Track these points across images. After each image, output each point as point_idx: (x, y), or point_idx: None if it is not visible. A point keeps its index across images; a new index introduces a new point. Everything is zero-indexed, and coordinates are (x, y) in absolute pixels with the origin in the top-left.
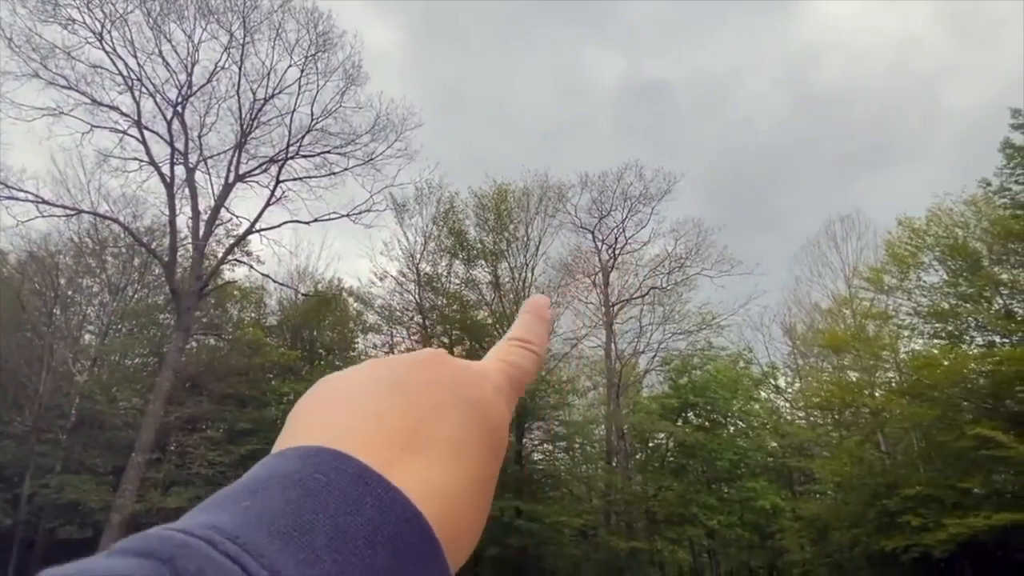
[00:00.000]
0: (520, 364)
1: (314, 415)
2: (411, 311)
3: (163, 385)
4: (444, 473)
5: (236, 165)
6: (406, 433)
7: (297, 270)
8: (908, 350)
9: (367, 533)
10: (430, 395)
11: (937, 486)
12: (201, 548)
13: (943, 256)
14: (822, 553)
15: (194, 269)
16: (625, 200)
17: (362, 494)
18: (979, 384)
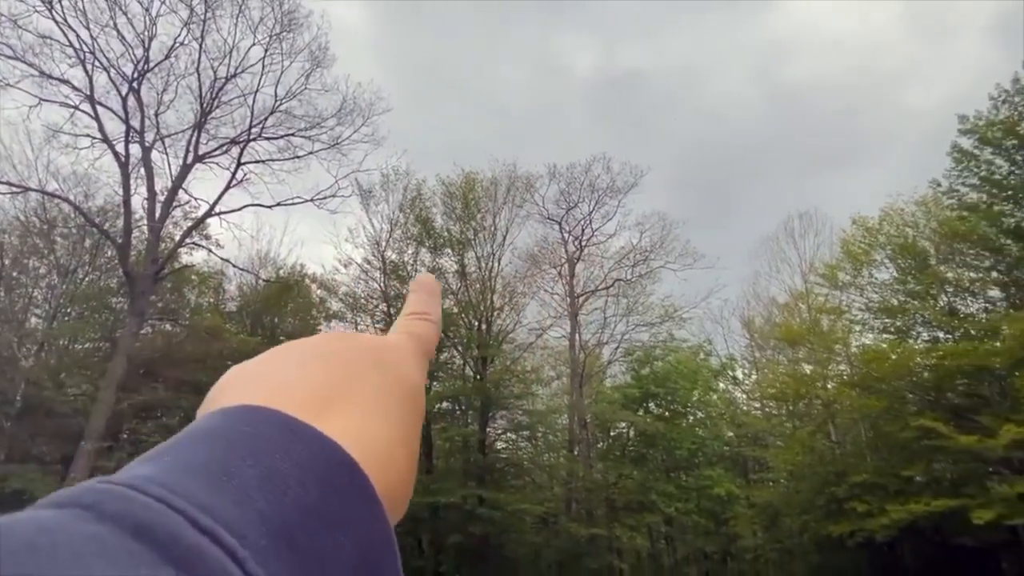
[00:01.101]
0: (422, 332)
1: (233, 387)
2: (376, 299)
3: (115, 371)
4: (369, 425)
5: (195, 145)
6: (328, 392)
7: (258, 255)
8: (859, 344)
9: (298, 475)
10: (347, 360)
11: (882, 474)
12: (124, 492)
13: (894, 254)
14: (773, 539)
15: (149, 252)
16: (592, 192)
17: (291, 441)
18: (923, 377)
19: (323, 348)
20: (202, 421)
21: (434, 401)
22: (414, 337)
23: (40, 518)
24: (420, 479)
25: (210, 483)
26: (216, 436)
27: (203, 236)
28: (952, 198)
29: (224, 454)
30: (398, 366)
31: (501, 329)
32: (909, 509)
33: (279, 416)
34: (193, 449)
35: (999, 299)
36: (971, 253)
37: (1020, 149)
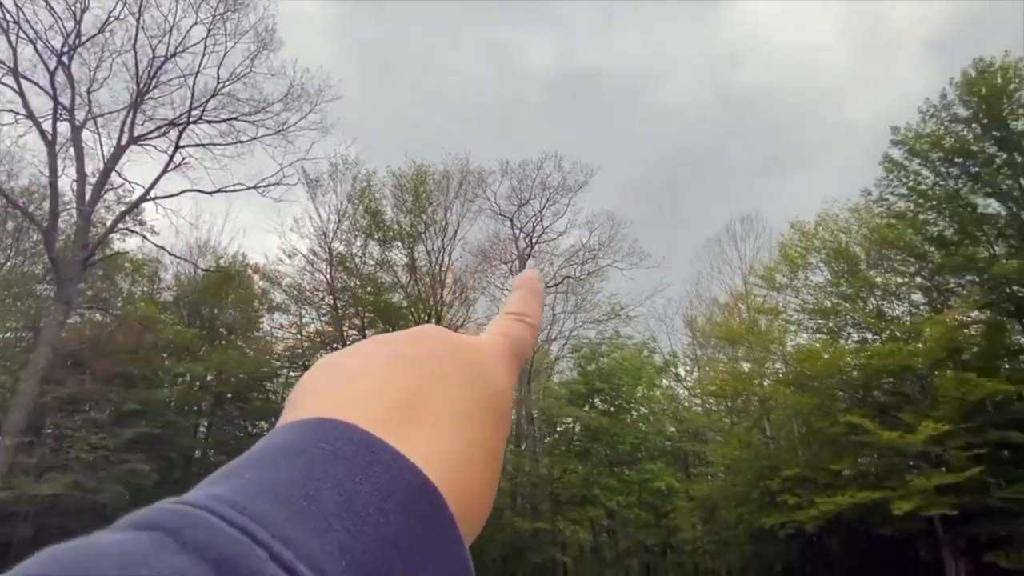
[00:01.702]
0: (518, 335)
1: (315, 391)
2: (322, 291)
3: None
4: (450, 442)
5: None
6: (410, 404)
7: (197, 243)
8: (794, 344)
9: (377, 501)
10: (432, 366)
11: (812, 468)
12: (206, 519)
13: (828, 258)
14: (711, 531)
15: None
16: (544, 190)
17: (369, 462)
18: (852, 376)
19: (410, 349)
20: (281, 434)
21: None
22: (510, 340)
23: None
24: None
25: (290, 509)
26: (295, 454)
27: (137, 222)
28: (882, 206)
29: (303, 475)
30: (487, 373)
31: (450, 324)
32: (836, 501)
33: (358, 433)
34: (273, 467)
35: (922, 303)
36: (898, 259)
37: (945, 162)
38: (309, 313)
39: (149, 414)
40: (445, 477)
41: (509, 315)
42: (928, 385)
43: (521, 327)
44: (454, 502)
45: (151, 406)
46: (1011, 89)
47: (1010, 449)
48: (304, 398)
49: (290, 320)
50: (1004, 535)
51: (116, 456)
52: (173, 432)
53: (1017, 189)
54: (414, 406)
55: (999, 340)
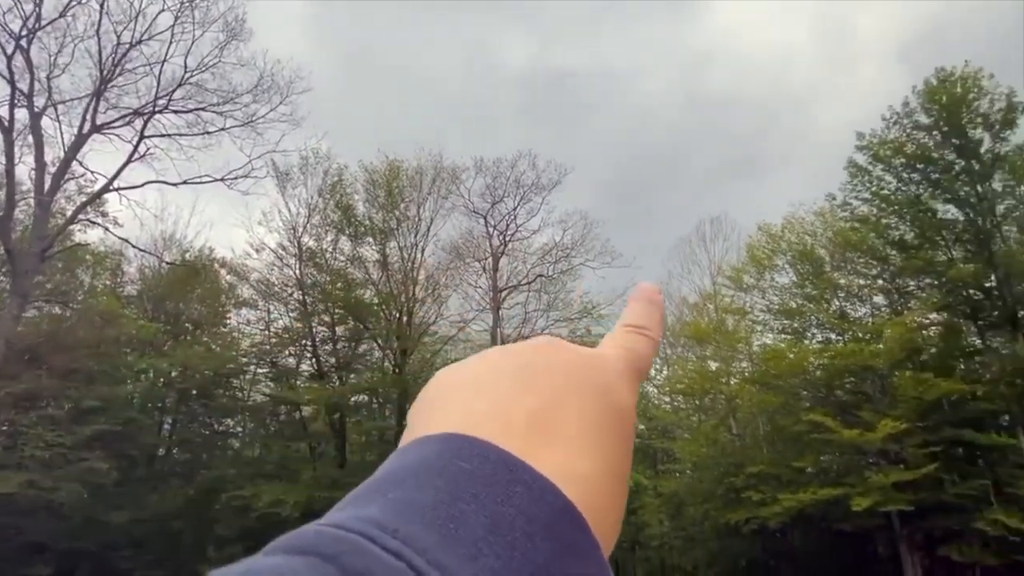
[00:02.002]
0: (637, 349)
1: (443, 402)
2: (291, 287)
3: None
4: (581, 460)
5: (93, 114)
6: (538, 418)
7: (162, 236)
8: (760, 343)
9: (523, 524)
10: (556, 380)
11: (776, 465)
12: (362, 544)
13: (794, 260)
14: (678, 527)
15: (36, 228)
16: (518, 188)
17: (510, 481)
18: (815, 376)
19: (535, 362)
20: (418, 451)
21: (350, 394)
22: (631, 354)
23: (284, 571)
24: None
25: (439, 533)
26: (436, 472)
27: (99, 213)
28: (846, 210)
29: (448, 496)
30: (611, 388)
31: (422, 321)
32: (799, 498)
33: (495, 452)
34: (416, 487)
35: (883, 305)
36: (861, 262)
37: (906, 168)
38: (277, 309)
39: (109, 411)
40: (579, 497)
41: (628, 327)
42: (888, 385)
43: (639, 340)
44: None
45: (112, 403)
46: (970, 98)
47: (964, 447)
48: (433, 410)
49: (258, 316)
50: (957, 529)
51: (74, 454)
52: (135, 429)
53: (974, 196)
54: (544, 421)
55: (955, 341)
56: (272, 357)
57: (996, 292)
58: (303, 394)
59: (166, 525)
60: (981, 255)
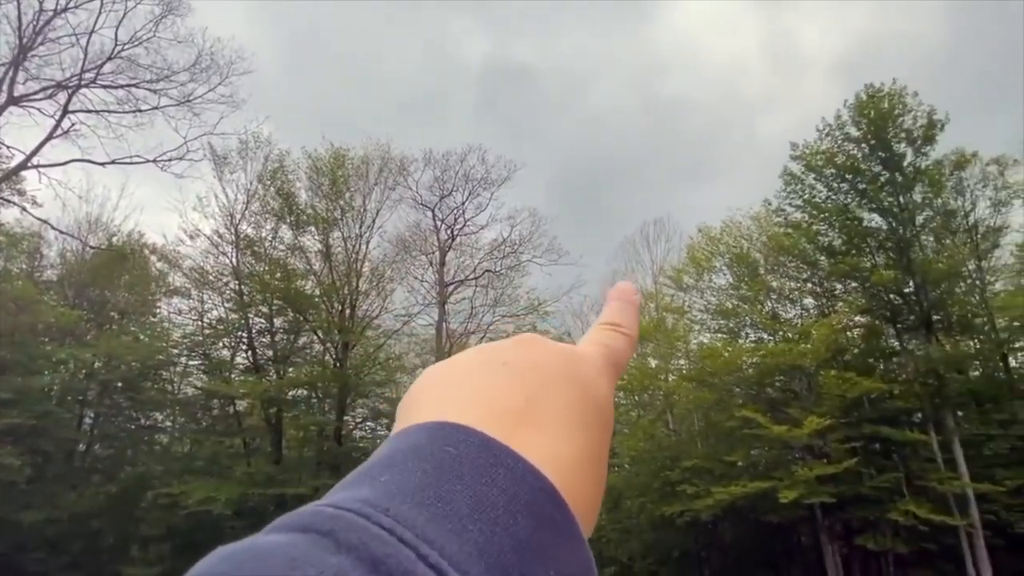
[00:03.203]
0: (614, 345)
1: (429, 395)
2: (226, 276)
3: None
4: (561, 445)
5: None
6: (520, 407)
7: (87, 219)
8: (697, 342)
9: (505, 502)
10: (539, 373)
11: (709, 459)
12: (356, 521)
13: (731, 263)
14: (615, 520)
15: None
16: (467, 182)
17: (492, 464)
18: (748, 373)
19: (517, 356)
20: (406, 438)
21: (287, 388)
22: (608, 350)
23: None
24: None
25: (429, 511)
26: (424, 457)
27: (15, 191)
28: (780, 216)
29: (435, 478)
30: (590, 381)
31: (366, 314)
32: (730, 491)
33: (478, 436)
34: (406, 470)
35: (812, 306)
36: (792, 265)
37: (836, 178)
38: (212, 298)
39: (23, 403)
40: (559, 480)
41: (605, 325)
42: (814, 383)
43: (619, 337)
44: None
45: (26, 395)
46: (895, 114)
47: (881, 442)
48: (418, 404)
49: (190, 305)
50: (872, 520)
51: None
52: (51, 424)
53: (896, 206)
54: (524, 411)
55: (876, 343)
56: (205, 349)
57: (914, 297)
58: (238, 388)
59: (85, 524)
60: (901, 262)
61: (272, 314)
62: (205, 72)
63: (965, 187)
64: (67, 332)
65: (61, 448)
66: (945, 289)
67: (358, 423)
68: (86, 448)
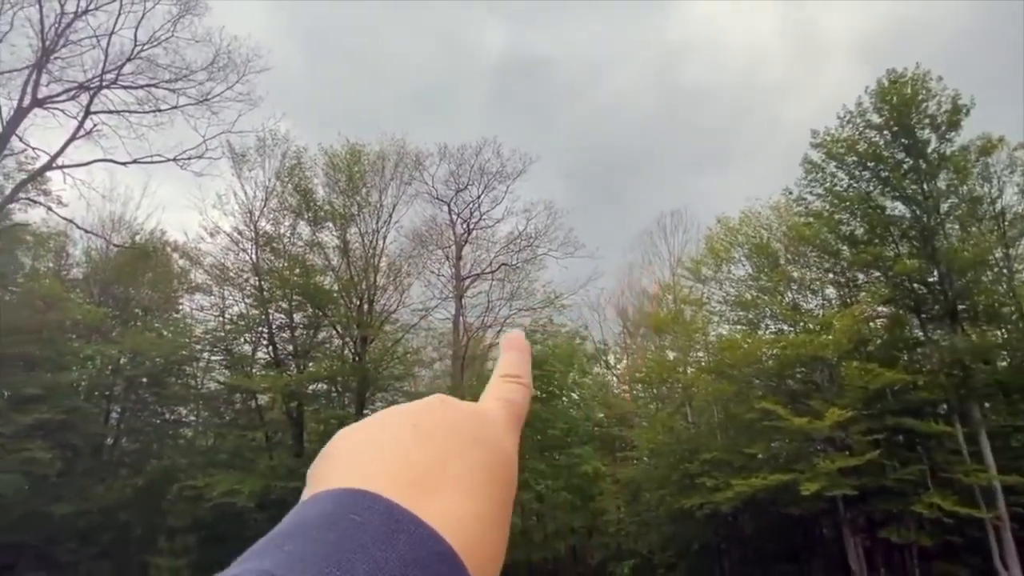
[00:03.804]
0: (515, 399)
1: (340, 460)
2: (247, 272)
3: None
4: (466, 506)
5: (34, 87)
6: (427, 471)
7: (111, 217)
8: (716, 333)
9: (401, 569)
10: (444, 436)
11: (729, 452)
12: None
13: (750, 253)
14: (633, 512)
15: None
16: (482, 176)
17: (394, 531)
18: (768, 365)
19: (427, 418)
20: (313, 506)
21: (308, 382)
22: (511, 405)
23: None
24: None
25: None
26: (328, 525)
27: (41, 191)
28: (801, 205)
29: (337, 548)
30: (496, 440)
31: (384, 309)
32: (750, 483)
33: (383, 503)
34: (310, 540)
35: (834, 297)
36: (813, 255)
37: (858, 165)
38: (233, 295)
39: (52, 399)
40: (462, 542)
41: (505, 378)
42: (836, 374)
43: (516, 389)
44: (471, 564)
45: (55, 391)
46: (919, 99)
47: (904, 434)
48: (331, 468)
49: (212, 302)
50: (896, 513)
51: (13, 444)
52: (80, 418)
53: (920, 194)
54: (431, 474)
55: (899, 333)
56: (227, 344)
57: (938, 287)
58: (259, 382)
59: (113, 516)
60: (925, 251)
61: (292, 309)
62: (223, 71)
63: (992, 173)
64: (93, 329)
65: (89, 442)
66: (971, 278)
67: None
68: (114, 442)
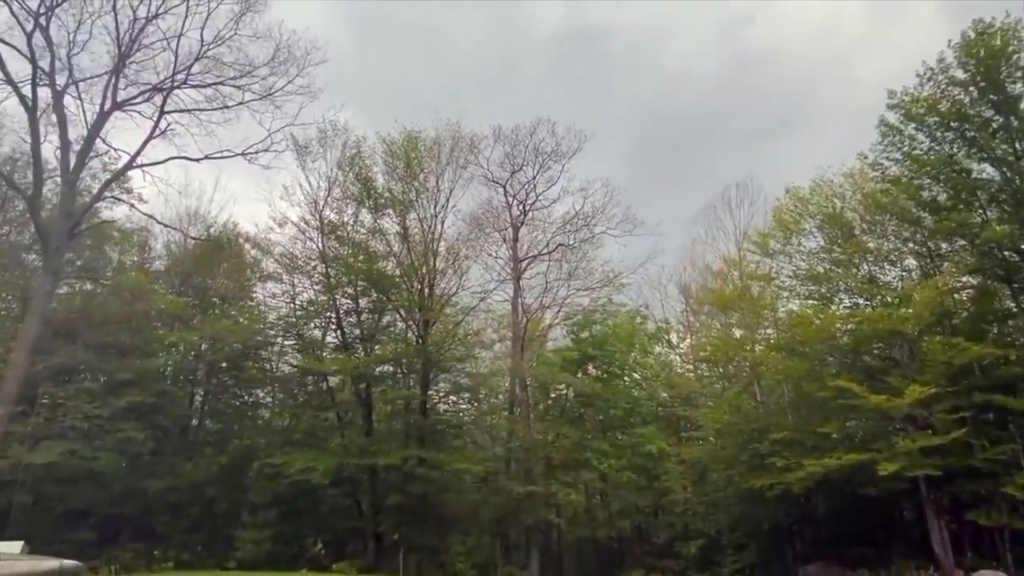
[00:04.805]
0: None
1: None
2: (314, 260)
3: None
4: None
5: (113, 91)
6: None
7: (187, 212)
8: (786, 309)
9: None
10: None
11: (800, 431)
12: None
13: (822, 224)
14: (701, 492)
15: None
16: (537, 156)
17: None
18: (842, 341)
19: None
20: None
21: (374, 364)
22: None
23: None
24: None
25: None
26: None
27: (124, 190)
28: (877, 171)
29: None
30: None
31: (444, 292)
32: (823, 463)
33: None
34: None
35: (914, 268)
36: (891, 224)
37: (940, 126)
38: (301, 282)
39: (142, 383)
40: None
41: None
42: (916, 349)
43: None
44: None
45: (144, 375)
46: (1009, 51)
47: (994, 412)
48: None
49: (282, 289)
50: (984, 494)
51: (111, 425)
52: (167, 401)
53: (1012, 154)
54: None
55: (988, 305)
56: (298, 329)
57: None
58: (329, 365)
59: (201, 492)
60: (1017, 216)
61: (357, 295)
62: (283, 65)
63: None
64: (176, 317)
65: (177, 423)
66: None
67: (441, 397)
68: (198, 423)
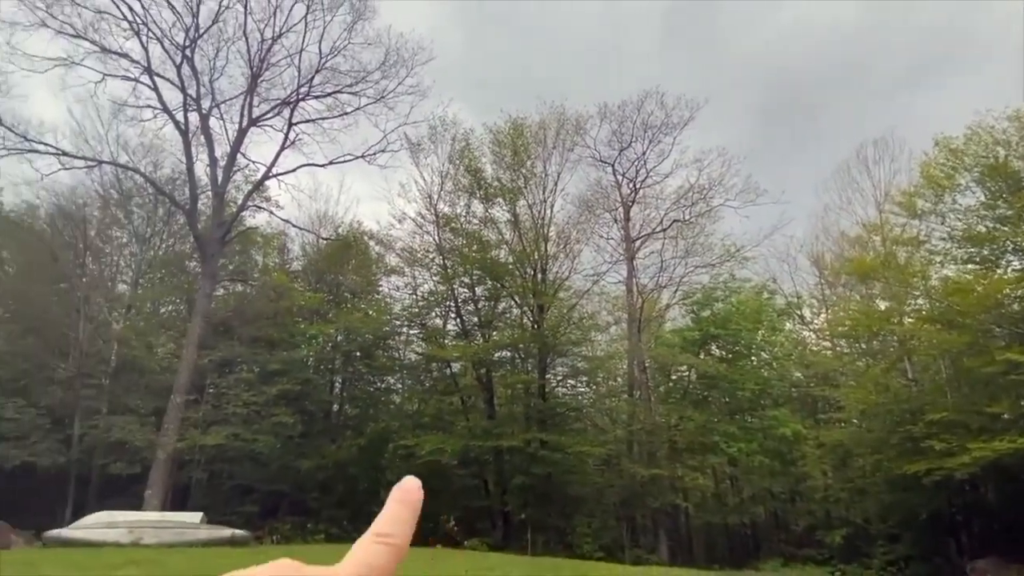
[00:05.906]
0: (375, 563)
1: None
2: (432, 252)
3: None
4: None
5: (249, 109)
6: None
7: (317, 214)
8: (940, 276)
9: None
10: None
11: (963, 411)
12: None
13: (981, 177)
14: (843, 478)
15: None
16: (646, 131)
17: None
18: (1012, 310)
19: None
20: None
21: (493, 350)
22: (368, 570)
23: None
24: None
25: None
26: None
27: (263, 198)
28: None
29: None
30: None
31: (557, 277)
32: (993, 447)
33: None
34: None
35: None
36: None
37: None
38: (422, 274)
39: (290, 373)
40: None
41: (375, 536)
42: None
43: (380, 551)
44: None
45: (291, 366)
46: None
47: None
48: None
49: (405, 282)
50: None
51: (265, 410)
52: (311, 388)
53: None
54: None
55: None
56: (421, 319)
57: None
58: (451, 352)
59: (344, 471)
60: None
61: (473, 283)
62: (394, 67)
63: None
64: (314, 312)
65: (321, 408)
66: None
67: (559, 380)
68: (339, 408)
